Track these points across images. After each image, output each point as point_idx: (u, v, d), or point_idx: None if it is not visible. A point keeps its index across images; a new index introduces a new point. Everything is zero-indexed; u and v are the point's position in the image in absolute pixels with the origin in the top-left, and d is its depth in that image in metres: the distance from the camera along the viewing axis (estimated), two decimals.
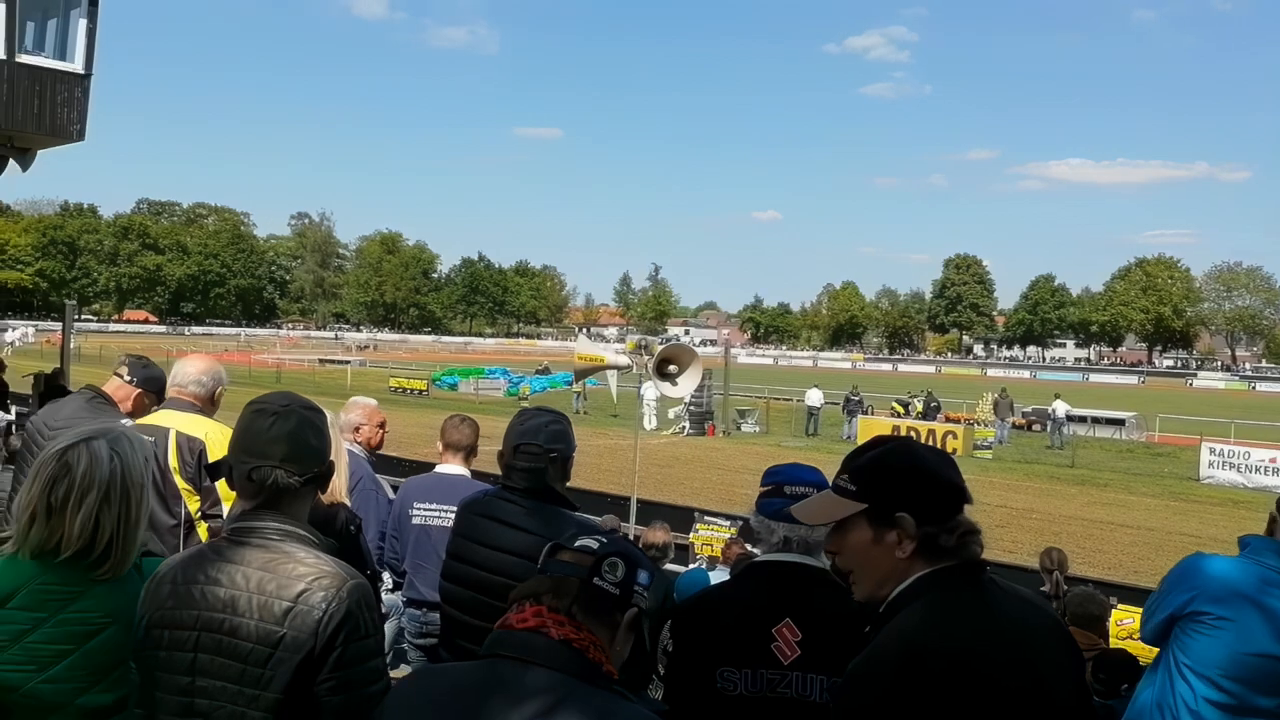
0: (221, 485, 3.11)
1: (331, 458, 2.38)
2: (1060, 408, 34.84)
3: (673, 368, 10.47)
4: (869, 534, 2.04)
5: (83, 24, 12.27)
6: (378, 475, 5.44)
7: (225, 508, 3.68)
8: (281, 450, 2.22)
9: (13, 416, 13.72)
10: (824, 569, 2.66)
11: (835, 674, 2.30)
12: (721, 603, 2.74)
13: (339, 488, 3.87)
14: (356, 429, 5.34)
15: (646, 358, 10.67)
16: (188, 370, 4.24)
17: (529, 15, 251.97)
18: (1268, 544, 3.02)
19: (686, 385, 10.81)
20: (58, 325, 31.04)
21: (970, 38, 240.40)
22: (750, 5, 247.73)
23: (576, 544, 1.90)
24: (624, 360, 11.40)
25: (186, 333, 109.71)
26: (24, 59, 11.88)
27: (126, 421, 4.15)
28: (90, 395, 4.53)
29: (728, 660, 2.54)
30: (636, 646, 1.90)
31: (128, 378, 4.59)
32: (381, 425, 5.54)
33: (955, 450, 29.34)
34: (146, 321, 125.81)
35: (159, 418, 4.15)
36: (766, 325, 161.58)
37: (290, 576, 2.11)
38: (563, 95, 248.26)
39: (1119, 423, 38.29)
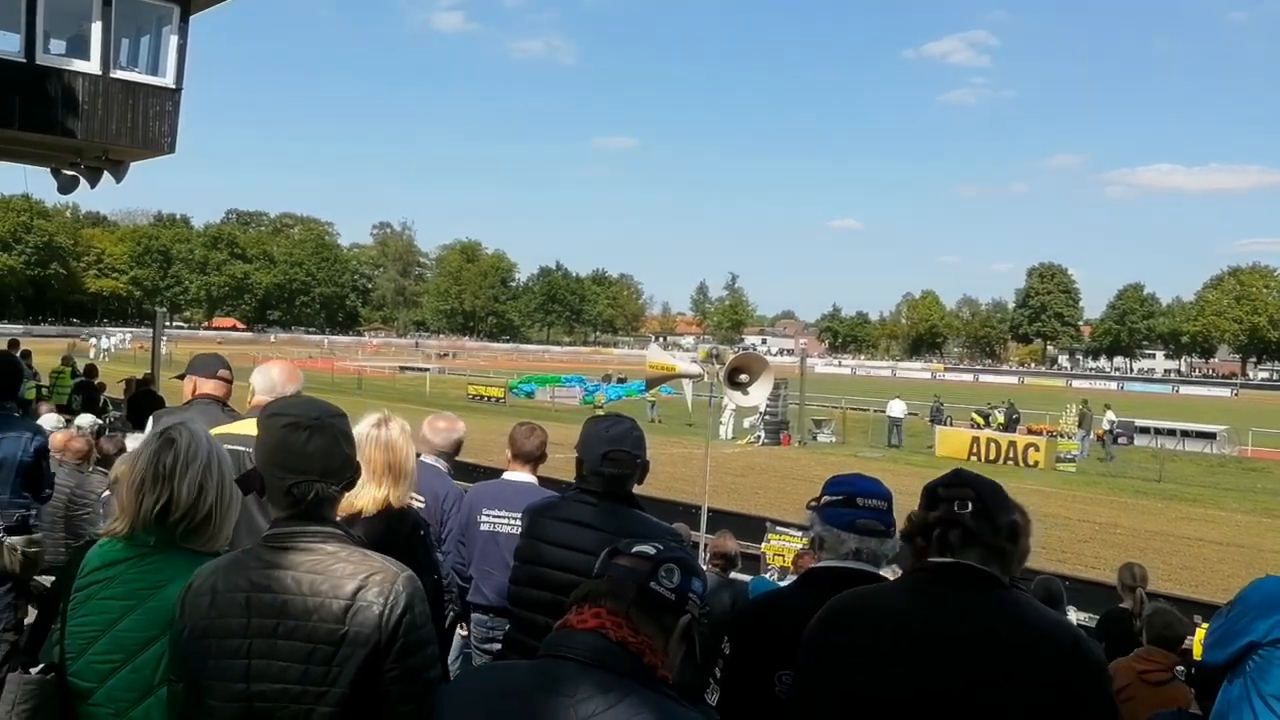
0: None
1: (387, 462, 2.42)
2: (1108, 418, 34.13)
3: (744, 376, 10.44)
4: None
5: (174, 40, 12.66)
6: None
7: None
8: (321, 465, 2.25)
9: (105, 421, 14.17)
10: (885, 579, 2.64)
11: None
12: (780, 607, 2.75)
13: (405, 491, 3.91)
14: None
15: (718, 366, 10.65)
16: (272, 378, 4.21)
17: (605, 26, 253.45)
18: None
19: (758, 394, 10.77)
20: (151, 332, 31.99)
21: (1054, 41, 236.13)
22: (826, 13, 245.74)
23: (634, 549, 1.94)
24: (695, 369, 11.39)
25: (272, 339, 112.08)
26: (118, 74, 12.32)
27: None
28: (223, 407, 4.53)
29: (786, 664, 2.52)
30: (688, 655, 1.92)
31: (232, 379, 4.67)
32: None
33: (1037, 463, 28.69)
34: (234, 328, 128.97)
35: (245, 426, 4.07)
36: (844, 335, 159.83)
37: (341, 576, 2.15)
38: (639, 105, 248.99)
39: (1209, 436, 37.03)
